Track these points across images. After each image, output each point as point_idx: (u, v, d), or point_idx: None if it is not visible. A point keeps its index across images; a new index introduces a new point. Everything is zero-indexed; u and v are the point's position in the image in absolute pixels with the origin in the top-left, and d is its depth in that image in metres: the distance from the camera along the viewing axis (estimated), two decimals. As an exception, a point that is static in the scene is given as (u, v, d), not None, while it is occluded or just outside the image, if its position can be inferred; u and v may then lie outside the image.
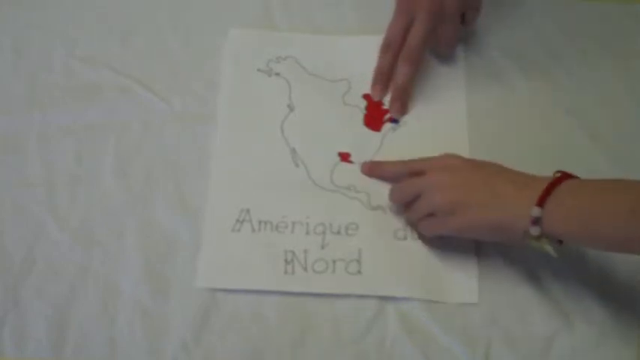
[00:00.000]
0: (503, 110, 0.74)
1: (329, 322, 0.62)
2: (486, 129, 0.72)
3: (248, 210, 0.67)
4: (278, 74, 0.75)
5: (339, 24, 0.79)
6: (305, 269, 0.64)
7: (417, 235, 0.66)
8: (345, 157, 0.71)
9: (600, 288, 0.63)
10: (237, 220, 0.66)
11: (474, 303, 0.63)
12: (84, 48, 0.76)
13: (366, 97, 0.74)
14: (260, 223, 0.66)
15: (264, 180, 0.69)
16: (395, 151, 0.70)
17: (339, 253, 0.65)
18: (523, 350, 0.61)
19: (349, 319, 0.63)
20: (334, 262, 0.65)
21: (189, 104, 0.73)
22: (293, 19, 0.79)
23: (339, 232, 0.66)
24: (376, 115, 0.73)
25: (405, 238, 0.66)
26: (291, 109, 0.73)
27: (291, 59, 0.76)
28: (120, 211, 0.67)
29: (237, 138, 0.71)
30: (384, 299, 0.63)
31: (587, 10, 0.80)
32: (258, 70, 0.75)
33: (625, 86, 0.75)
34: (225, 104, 0.73)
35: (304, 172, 0.69)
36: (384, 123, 0.73)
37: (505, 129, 0.72)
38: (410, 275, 0.64)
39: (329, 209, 0.67)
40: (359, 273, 0.64)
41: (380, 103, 0.74)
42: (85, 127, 0.71)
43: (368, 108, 0.74)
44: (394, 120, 0.73)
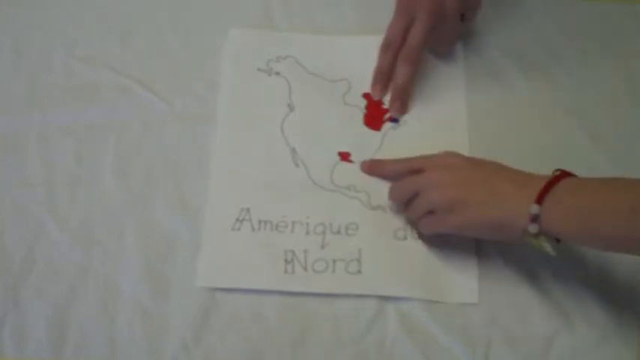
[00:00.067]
0: (503, 110, 0.74)
1: (329, 322, 0.62)
2: (486, 129, 0.72)
3: (248, 209, 0.67)
4: (278, 73, 0.75)
5: (339, 24, 0.79)
6: (305, 269, 0.64)
7: (417, 235, 0.66)
8: (345, 157, 0.71)
9: (600, 288, 0.63)
10: (237, 220, 0.66)
11: (474, 303, 0.63)
12: (84, 48, 0.76)
13: (366, 96, 0.74)
14: (260, 222, 0.66)
15: (264, 180, 0.69)
16: (395, 151, 0.70)
17: (339, 252, 0.65)
18: (523, 350, 0.61)
19: (349, 319, 0.63)
20: (334, 261, 0.65)
21: (189, 104, 0.73)
22: (293, 19, 0.79)
23: (339, 232, 0.66)
24: (376, 115, 0.73)
25: (405, 237, 0.66)
26: (291, 108, 0.73)
27: (291, 59, 0.76)
28: (120, 211, 0.67)
29: (237, 138, 0.71)
30: (384, 299, 0.63)
31: (587, 10, 0.80)
32: (258, 70, 0.75)
33: (625, 86, 0.75)
34: (225, 104, 0.73)
35: (304, 172, 0.69)
36: (384, 122, 0.73)
37: (505, 129, 0.72)
38: (410, 275, 0.64)
39: (329, 209, 0.67)
40: (359, 273, 0.64)
41: (380, 102, 0.74)
42: (85, 127, 0.72)
43: (368, 107, 0.74)
44: (394, 119, 0.73)
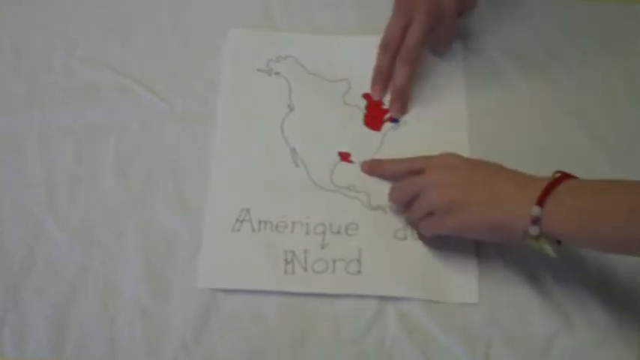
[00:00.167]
0: (503, 110, 0.74)
1: (329, 322, 0.62)
2: (486, 129, 0.72)
3: (248, 210, 0.67)
4: (278, 73, 0.75)
5: (339, 24, 0.79)
6: (305, 269, 0.64)
7: (417, 235, 0.66)
8: (345, 157, 0.71)
9: (601, 289, 0.63)
10: (237, 220, 0.66)
11: (474, 303, 0.63)
12: (84, 48, 0.76)
13: (366, 96, 0.74)
14: (260, 222, 0.66)
15: (264, 180, 0.69)
16: (395, 151, 0.70)
17: (339, 253, 0.65)
18: (523, 350, 0.61)
19: (349, 319, 0.63)
20: (334, 262, 0.65)
21: (189, 104, 0.73)
22: (293, 19, 0.79)
23: (339, 232, 0.66)
24: (376, 115, 0.73)
25: (405, 238, 0.66)
26: (291, 108, 0.73)
27: (291, 59, 0.76)
28: (120, 211, 0.67)
29: (237, 138, 0.71)
30: (384, 299, 0.63)
31: (587, 10, 0.80)
32: (258, 70, 0.75)
33: (625, 86, 0.75)
34: (225, 104, 0.73)
35: (304, 172, 0.69)
36: (384, 122, 0.73)
37: (505, 129, 0.72)
38: (410, 275, 0.64)
39: (329, 209, 0.67)
40: (359, 273, 0.64)
41: (380, 102, 0.74)
42: (85, 127, 0.71)
43: (368, 107, 0.74)
44: (394, 119, 0.73)
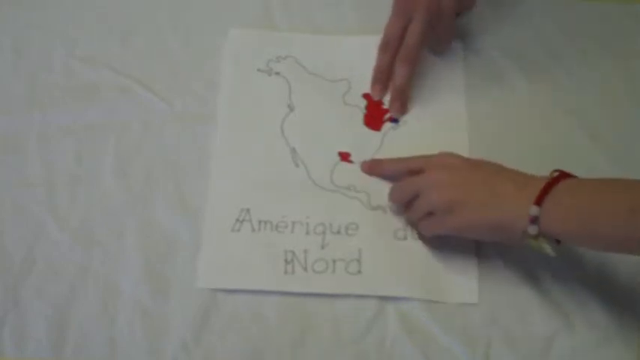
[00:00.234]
0: (503, 110, 0.74)
1: (329, 322, 0.62)
2: (486, 129, 0.72)
3: (248, 210, 0.67)
4: (278, 73, 0.75)
5: (339, 24, 0.79)
6: (305, 269, 0.64)
7: (417, 235, 0.66)
8: (345, 157, 0.71)
9: (600, 289, 0.63)
10: (237, 220, 0.66)
11: (474, 303, 0.63)
12: (84, 48, 0.76)
13: (366, 96, 0.74)
14: (260, 222, 0.66)
15: (264, 180, 0.69)
16: (395, 151, 0.70)
17: (339, 253, 0.65)
18: (523, 350, 0.61)
19: (349, 319, 0.63)
20: (334, 262, 0.65)
21: (189, 104, 0.73)
22: (293, 19, 0.79)
23: (339, 232, 0.66)
24: (376, 115, 0.73)
25: (405, 238, 0.66)
26: (291, 108, 0.73)
27: (291, 59, 0.76)
28: (120, 211, 0.67)
29: (237, 138, 0.71)
30: (384, 299, 0.63)
31: (587, 10, 0.80)
32: (258, 70, 0.75)
33: (625, 86, 0.75)
34: (225, 104, 0.73)
35: (304, 172, 0.69)
36: (384, 122, 0.73)
37: (505, 129, 0.72)
38: (410, 275, 0.64)
39: (329, 209, 0.67)
40: (359, 273, 0.64)
41: (380, 102, 0.74)
42: (85, 127, 0.71)
43: (368, 107, 0.74)
44: (394, 119, 0.73)
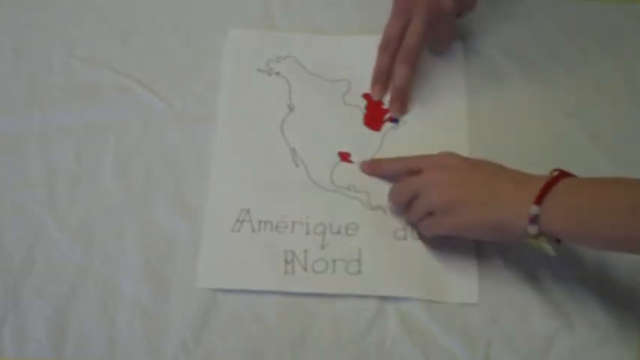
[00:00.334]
0: (503, 110, 0.74)
1: (329, 322, 0.62)
2: (486, 129, 0.72)
3: (248, 210, 0.67)
4: (278, 73, 0.75)
5: (339, 24, 0.79)
6: (305, 269, 0.64)
7: (417, 235, 0.66)
8: (345, 157, 0.71)
9: (600, 289, 0.63)
10: (237, 220, 0.66)
11: (474, 303, 0.63)
12: (84, 48, 0.76)
13: (366, 96, 0.74)
14: (260, 223, 0.66)
15: (264, 180, 0.69)
16: (395, 151, 0.70)
17: (339, 253, 0.65)
18: (523, 350, 0.61)
19: (349, 319, 0.63)
20: (334, 262, 0.65)
21: (189, 104, 0.73)
22: (293, 19, 0.79)
23: (339, 232, 0.66)
24: (376, 115, 0.73)
25: (405, 238, 0.66)
26: (291, 109, 0.73)
27: (291, 59, 0.76)
28: (120, 211, 0.67)
29: (237, 138, 0.71)
30: (384, 299, 0.63)
31: (587, 10, 0.80)
32: (258, 70, 0.75)
33: (625, 86, 0.75)
34: (225, 104, 0.73)
35: (304, 172, 0.69)
36: (384, 122, 0.73)
37: (505, 129, 0.72)
38: (410, 275, 0.64)
39: (329, 209, 0.67)
40: (359, 273, 0.64)
41: (380, 102, 0.74)
42: (85, 127, 0.71)
43: (368, 107, 0.74)
44: (394, 119, 0.73)
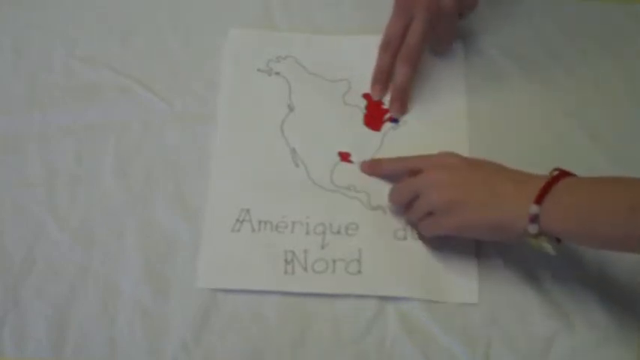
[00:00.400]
0: (503, 110, 0.73)
1: (329, 322, 0.62)
2: (486, 129, 0.72)
3: (248, 210, 0.67)
4: (278, 73, 0.75)
5: (339, 24, 0.79)
6: (305, 269, 0.64)
7: (417, 235, 0.66)
8: (345, 157, 0.71)
9: (600, 289, 0.63)
10: (237, 220, 0.66)
11: (474, 303, 0.63)
12: (84, 48, 0.76)
13: (366, 96, 0.74)
14: (260, 223, 0.66)
15: (264, 180, 0.69)
16: (395, 151, 0.70)
17: (339, 253, 0.65)
18: (523, 350, 0.61)
19: (349, 319, 0.63)
20: (334, 262, 0.65)
21: (189, 104, 0.73)
22: (293, 19, 0.79)
23: (339, 232, 0.66)
24: (376, 115, 0.73)
25: (405, 238, 0.66)
26: (291, 109, 0.73)
27: (291, 59, 0.76)
28: (120, 211, 0.67)
29: (237, 138, 0.71)
30: (384, 299, 0.63)
31: (587, 10, 0.80)
32: (258, 70, 0.75)
33: (625, 86, 0.75)
34: (225, 104, 0.73)
35: (304, 172, 0.69)
36: (384, 122, 0.73)
37: (505, 129, 0.72)
38: (410, 275, 0.64)
39: (329, 209, 0.67)
40: (359, 273, 0.64)
41: (380, 102, 0.74)
42: (85, 127, 0.71)
43: (368, 107, 0.74)
44: (394, 119, 0.73)
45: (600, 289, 0.63)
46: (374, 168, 0.69)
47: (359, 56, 0.76)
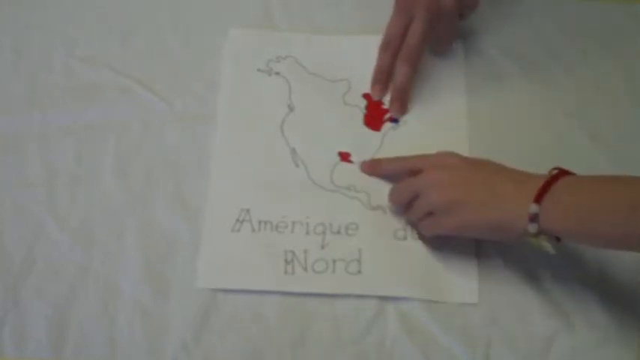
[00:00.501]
0: (503, 110, 0.74)
1: (329, 322, 0.62)
2: (486, 129, 0.72)
3: (248, 210, 0.67)
4: (278, 73, 0.75)
5: (339, 24, 0.79)
6: (305, 269, 0.64)
7: (417, 235, 0.66)
8: (345, 157, 0.71)
9: (600, 288, 0.63)
10: (237, 220, 0.66)
11: (474, 303, 0.63)
12: (84, 48, 0.76)
13: (366, 96, 0.74)
14: (260, 223, 0.66)
15: (264, 180, 0.69)
16: (395, 151, 0.70)
17: (339, 253, 0.65)
18: (523, 350, 0.61)
19: (349, 319, 0.63)
20: (334, 262, 0.65)
21: (189, 104, 0.73)
22: (293, 19, 0.79)
23: (339, 232, 0.66)
24: (376, 115, 0.73)
25: (405, 238, 0.66)
26: (291, 109, 0.73)
27: (291, 59, 0.76)
28: (120, 211, 0.67)
29: (237, 138, 0.71)
30: (384, 299, 0.63)
31: (587, 10, 0.80)
32: (258, 70, 0.75)
33: (625, 86, 0.75)
34: (225, 104, 0.73)
35: (304, 172, 0.69)
36: (384, 122, 0.73)
37: (505, 129, 0.72)
38: (410, 275, 0.64)
39: (329, 209, 0.67)
40: (359, 273, 0.64)
41: (380, 102, 0.74)
42: (85, 127, 0.71)
43: (368, 107, 0.74)
44: (394, 119, 0.73)
45: (600, 289, 0.63)
46: (374, 168, 0.69)
47: (359, 56, 0.76)
